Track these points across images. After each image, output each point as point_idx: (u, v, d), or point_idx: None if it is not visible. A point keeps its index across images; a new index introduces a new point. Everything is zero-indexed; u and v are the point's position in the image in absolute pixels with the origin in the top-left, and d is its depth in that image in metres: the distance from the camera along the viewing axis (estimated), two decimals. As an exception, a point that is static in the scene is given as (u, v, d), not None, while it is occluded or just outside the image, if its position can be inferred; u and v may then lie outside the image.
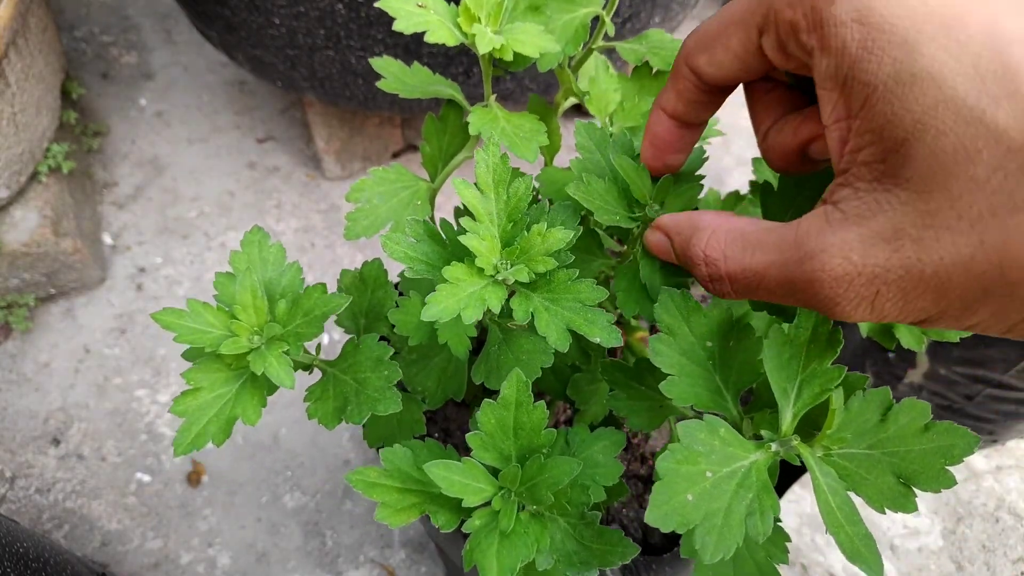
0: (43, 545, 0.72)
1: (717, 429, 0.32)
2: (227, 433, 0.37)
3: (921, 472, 0.32)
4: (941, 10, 0.21)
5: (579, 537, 0.37)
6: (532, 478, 0.35)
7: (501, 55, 0.39)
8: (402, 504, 0.37)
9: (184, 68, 1.46)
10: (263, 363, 0.36)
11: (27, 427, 1.04)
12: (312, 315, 0.37)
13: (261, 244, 0.41)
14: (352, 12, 0.85)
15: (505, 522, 0.34)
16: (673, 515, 0.30)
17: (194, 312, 0.37)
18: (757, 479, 0.31)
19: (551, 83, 1.01)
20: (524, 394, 0.35)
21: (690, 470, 0.30)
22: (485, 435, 0.36)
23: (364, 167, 1.30)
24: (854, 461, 0.33)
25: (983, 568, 0.93)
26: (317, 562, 0.93)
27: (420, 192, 0.46)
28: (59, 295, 1.15)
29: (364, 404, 0.38)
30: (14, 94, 0.98)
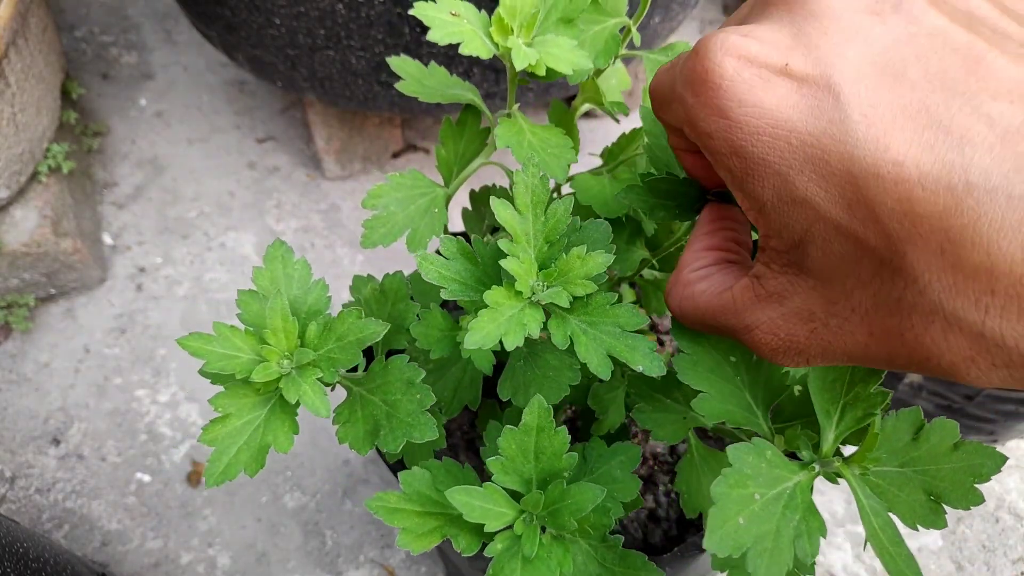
0: (43, 545, 0.72)
1: (764, 451, 0.32)
2: (261, 463, 0.36)
3: (951, 490, 0.33)
4: (804, 149, 0.23)
5: (601, 560, 0.36)
6: (554, 503, 0.35)
7: (534, 70, 0.38)
8: (423, 529, 0.36)
9: (184, 68, 1.46)
10: (297, 390, 0.35)
11: (27, 427, 1.04)
12: (346, 341, 0.36)
13: (285, 260, 0.39)
14: (352, 12, 0.85)
15: (528, 547, 0.34)
16: (728, 539, 0.30)
17: (221, 337, 0.35)
18: (802, 500, 0.32)
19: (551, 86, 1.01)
20: (546, 419, 0.35)
21: (740, 493, 0.31)
22: (506, 459, 0.35)
23: (364, 167, 1.30)
24: (887, 479, 0.34)
25: (983, 568, 0.93)
26: (317, 562, 0.93)
27: (437, 199, 0.45)
28: (59, 295, 1.15)
29: (398, 430, 0.36)
30: (14, 94, 0.98)
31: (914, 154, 0.21)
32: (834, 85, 0.22)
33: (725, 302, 0.29)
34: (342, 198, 1.28)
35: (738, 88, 0.24)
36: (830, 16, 0.23)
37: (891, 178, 0.21)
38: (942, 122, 0.21)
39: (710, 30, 1.52)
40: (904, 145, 0.21)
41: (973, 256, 0.20)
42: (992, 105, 0.21)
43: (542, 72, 0.39)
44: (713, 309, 0.30)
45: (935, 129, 0.21)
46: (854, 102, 0.22)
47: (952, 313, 0.21)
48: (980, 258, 0.20)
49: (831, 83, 0.22)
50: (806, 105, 0.23)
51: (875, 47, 0.23)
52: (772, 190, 0.24)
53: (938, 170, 0.20)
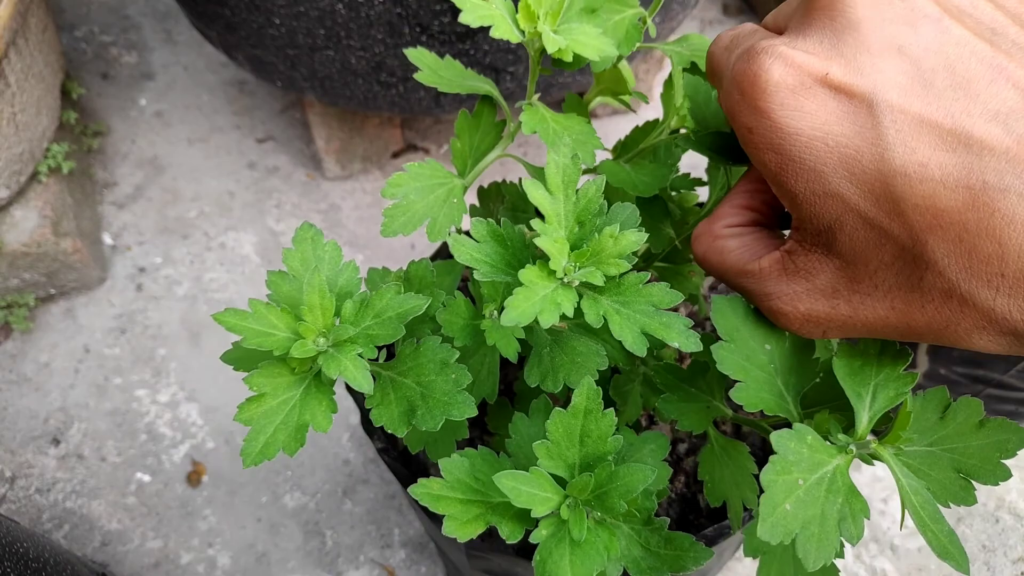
0: (43, 545, 0.72)
1: (805, 437, 0.32)
2: (301, 441, 0.35)
3: (979, 466, 0.34)
4: (839, 150, 0.26)
5: (645, 543, 0.36)
6: (602, 486, 0.35)
7: (561, 56, 0.39)
8: (467, 516, 0.36)
9: (184, 68, 1.46)
10: (337, 366, 0.34)
11: (27, 427, 1.04)
12: (385, 316, 0.36)
13: (315, 241, 0.39)
14: (352, 12, 0.85)
15: (576, 531, 0.34)
16: (778, 526, 0.30)
17: (257, 313, 0.35)
18: (843, 483, 0.32)
19: (552, 84, 1.01)
20: (594, 402, 0.35)
21: (786, 479, 0.31)
22: (552, 444, 0.35)
23: (364, 167, 1.30)
24: (918, 459, 0.35)
25: (983, 568, 0.93)
26: (317, 562, 0.93)
27: (455, 189, 0.45)
28: (59, 295, 1.15)
29: (435, 409, 0.36)
30: (14, 94, 0.98)
31: (938, 157, 0.24)
32: (869, 94, 0.25)
33: (752, 269, 0.32)
34: (342, 198, 1.28)
35: (782, 93, 0.27)
36: (867, 28, 0.26)
37: (917, 177, 0.24)
38: (964, 128, 0.24)
39: (710, 30, 1.52)
40: (929, 149, 0.24)
41: (987, 245, 0.23)
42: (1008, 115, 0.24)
43: (569, 58, 0.39)
44: (737, 270, 0.33)
45: (958, 134, 0.24)
46: (886, 109, 0.25)
47: (968, 292, 0.25)
48: (993, 247, 0.23)
49: (866, 92, 0.25)
50: (843, 111, 0.26)
51: (907, 57, 0.26)
52: (805, 184, 0.27)
53: (959, 171, 0.24)
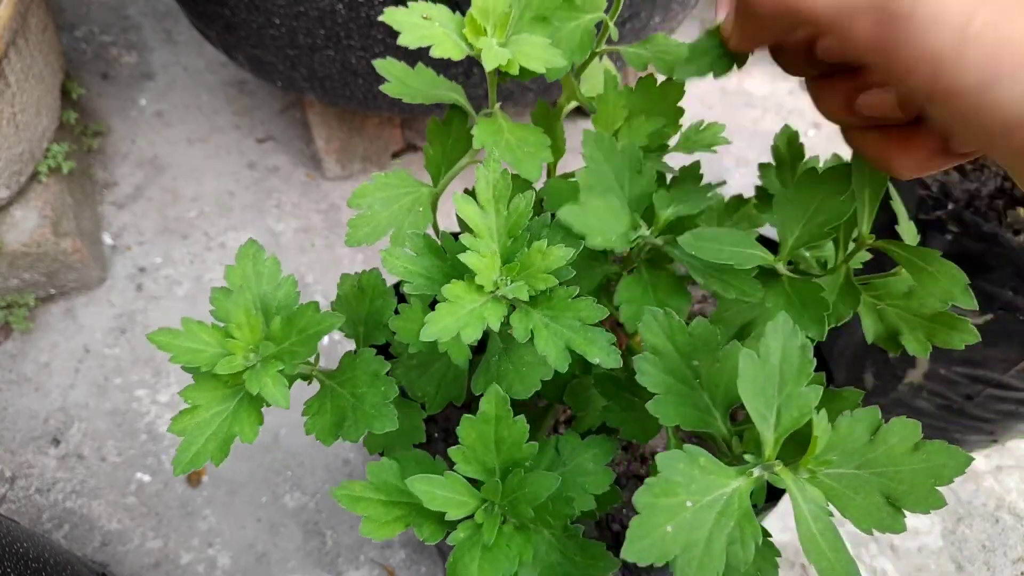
0: (43, 545, 0.72)
1: (697, 458, 0.31)
2: (225, 452, 0.37)
3: (910, 492, 0.32)
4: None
5: (563, 549, 0.37)
6: (513, 492, 0.35)
7: (507, 69, 0.39)
8: (387, 517, 0.37)
9: (184, 68, 1.46)
10: (258, 383, 0.36)
11: (27, 427, 1.04)
12: (306, 333, 0.37)
13: (256, 258, 0.41)
14: (352, 12, 0.85)
15: (487, 535, 0.35)
16: (652, 548, 0.29)
17: (188, 331, 0.37)
18: (739, 506, 0.31)
19: (552, 85, 1.01)
20: (502, 409, 0.36)
21: (669, 502, 0.30)
22: (467, 448, 0.36)
23: (364, 167, 1.30)
24: (841, 481, 0.33)
25: (983, 568, 0.93)
26: (317, 562, 0.93)
27: (422, 198, 0.46)
28: (59, 295, 1.15)
29: (361, 421, 0.38)
30: (14, 94, 0.98)
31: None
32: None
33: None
34: (342, 198, 1.28)
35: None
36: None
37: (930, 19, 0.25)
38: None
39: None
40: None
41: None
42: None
43: (515, 71, 0.39)
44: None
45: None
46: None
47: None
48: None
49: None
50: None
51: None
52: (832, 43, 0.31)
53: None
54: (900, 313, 0.43)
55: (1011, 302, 0.71)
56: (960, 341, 0.43)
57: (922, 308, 0.43)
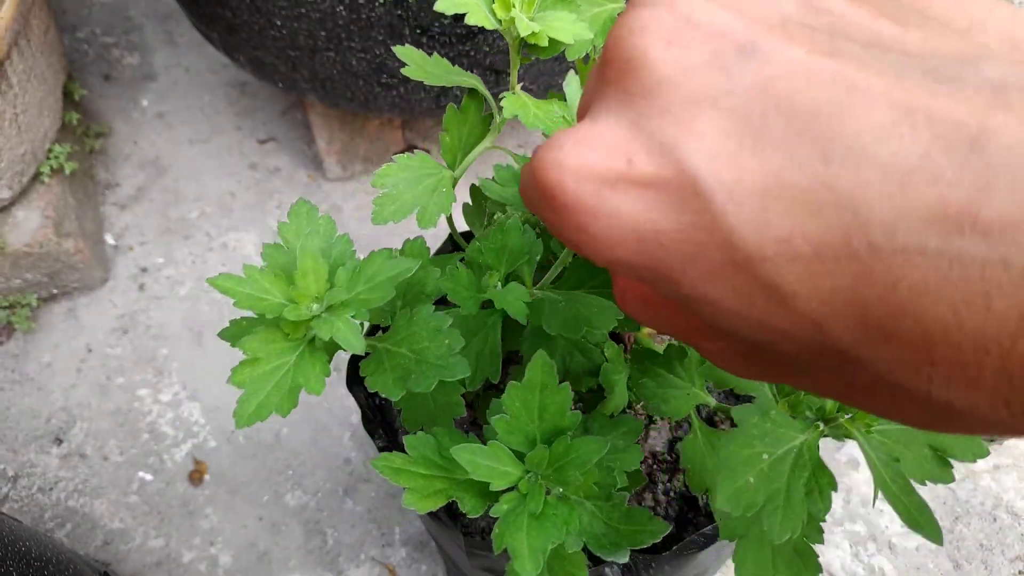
0: (45, 544, 0.73)
1: (768, 411, 0.32)
2: (293, 402, 0.35)
3: (955, 443, 0.33)
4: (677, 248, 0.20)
5: (607, 519, 0.37)
6: (559, 459, 0.35)
7: (536, 40, 0.40)
8: (429, 490, 0.37)
9: (186, 69, 1.46)
10: (330, 328, 0.34)
11: (29, 426, 1.04)
12: (376, 281, 0.36)
13: (310, 215, 0.40)
14: (353, 14, 0.86)
15: (534, 504, 0.34)
16: (740, 497, 0.30)
17: (251, 278, 0.35)
18: (810, 458, 0.32)
19: (552, 84, 1.01)
20: (549, 376, 0.35)
21: (748, 453, 0.31)
22: (511, 417, 0.35)
23: (365, 168, 1.30)
24: (891, 437, 0.34)
25: (981, 567, 0.93)
26: (318, 560, 0.94)
27: (444, 179, 0.47)
28: (61, 295, 1.16)
29: (428, 372, 0.37)
30: (16, 95, 0.99)
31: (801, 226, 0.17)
32: (687, 171, 0.19)
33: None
34: (343, 199, 1.29)
35: (585, 203, 0.20)
36: (667, 88, 0.19)
37: (783, 259, 0.18)
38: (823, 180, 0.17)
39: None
40: (785, 218, 0.17)
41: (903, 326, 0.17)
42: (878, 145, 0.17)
43: (544, 42, 0.40)
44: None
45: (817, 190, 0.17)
46: (715, 184, 0.18)
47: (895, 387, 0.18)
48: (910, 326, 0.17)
49: (683, 169, 0.19)
50: (663, 201, 0.19)
51: (726, 110, 0.19)
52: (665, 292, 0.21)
53: (832, 238, 0.17)
54: None
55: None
56: None
57: None
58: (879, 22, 0.19)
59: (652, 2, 0.20)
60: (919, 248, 0.16)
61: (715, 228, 0.18)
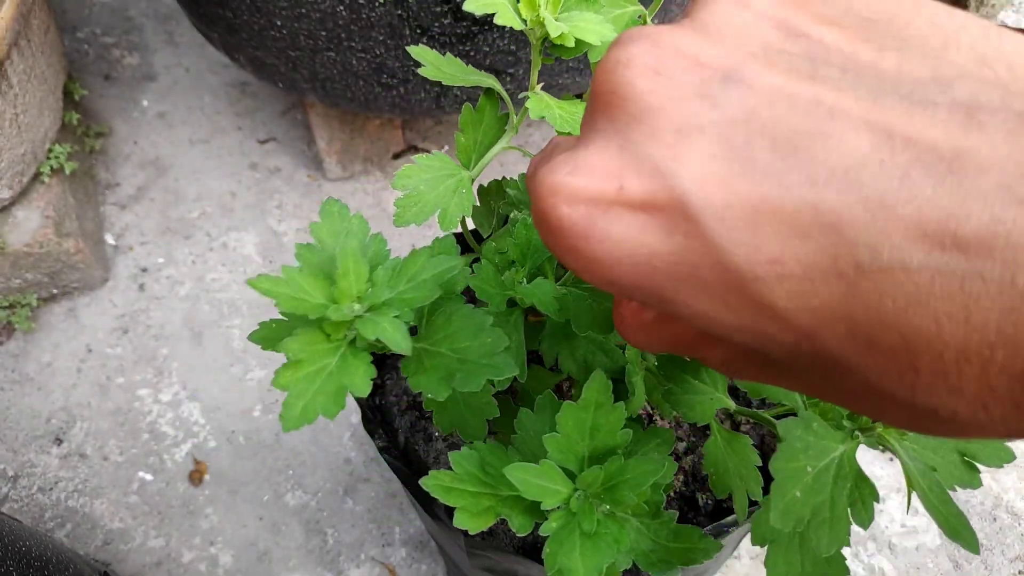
0: (45, 544, 0.73)
1: (811, 424, 0.32)
2: (340, 403, 0.35)
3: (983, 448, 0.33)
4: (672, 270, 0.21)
5: (654, 536, 0.36)
6: (612, 479, 0.35)
7: (562, 41, 0.40)
8: (477, 508, 0.36)
9: (186, 69, 1.46)
10: (375, 329, 0.33)
11: (29, 426, 1.04)
12: (419, 280, 0.35)
13: (342, 214, 0.39)
14: (353, 14, 0.86)
15: (587, 524, 0.34)
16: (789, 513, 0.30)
17: (290, 279, 0.34)
18: (851, 468, 0.32)
19: (564, 85, 1.01)
20: (604, 395, 0.35)
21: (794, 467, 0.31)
22: (562, 437, 0.35)
23: (365, 168, 1.30)
24: (922, 443, 0.34)
25: (980, 566, 0.93)
26: (318, 560, 0.94)
27: (463, 180, 0.47)
28: (61, 295, 1.16)
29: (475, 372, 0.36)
30: (16, 95, 0.99)
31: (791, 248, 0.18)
32: (678, 196, 0.19)
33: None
34: (344, 199, 1.28)
35: (579, 228, 0.21)
36: (654, 115, 0.20)
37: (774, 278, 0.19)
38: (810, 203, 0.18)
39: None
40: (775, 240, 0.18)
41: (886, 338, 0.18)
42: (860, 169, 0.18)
43: (571, 43, 0.40)
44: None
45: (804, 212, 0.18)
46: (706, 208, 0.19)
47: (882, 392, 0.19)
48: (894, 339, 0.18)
49: (674, 195, 0.19)
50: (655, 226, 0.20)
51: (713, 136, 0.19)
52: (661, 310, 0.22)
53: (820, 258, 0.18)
54: None
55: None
56: None
57: None
58: (855, 46, 0.19)
59: (638, 36, 0.21)
60: (902, 265, 0.17)
61: (706, 250, 0.19)
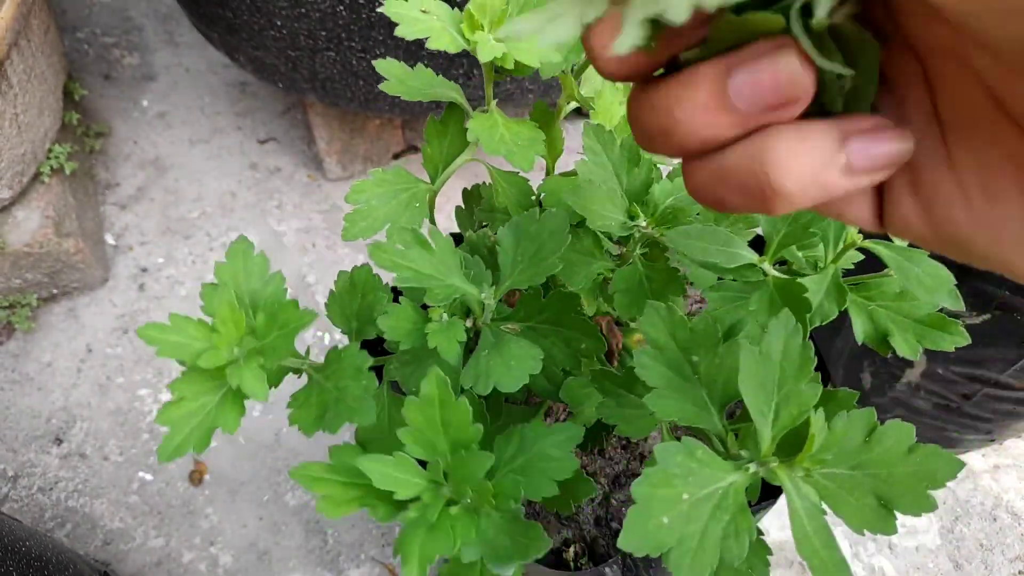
0: (46, 544, 0.73)
1: (694, 451, 0.31)
2: (207, 441, 0.38)
3: (903, 495, 0.32)
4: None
5: (508, 531, 0.37)
6: (457, 472, 0.36)
7: (502, 63, 0.39)
8: (344, 497, 0.38)
9: (186, 69, 1.46)
10: (239, 376, 0.37)
11: (29, 426, 1.04)
12: (286, 328, 0.38)
13: (245, 255, 0.42)
14: (353, 14, 0.86)
15: (430, 514, 0.35)
16: (648, 539, 0.30)
17: (176, 326, 0.38)
18: (734, 501, 0.31)
19: (552, 85, 1.01)
20: (445, 392, 0.36)
21: (667, 493, 0.30)
22: (415, 430, 0.36)
23: (365, 168, 1.30)
24: (835, 481, 0.33)
25: (980, 566, 0.93)
26: (318, 560, 0.94)
27: (419, 194, 0.46)
28: (61, 295, 1.16)
29: (342, 412, 0.39)
30: (16, 95, 0.99)
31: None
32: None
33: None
34: (343, 199, 1.28)
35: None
36: None
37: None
38: None
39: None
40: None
41: None
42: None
43: (510, 65, 0.40)
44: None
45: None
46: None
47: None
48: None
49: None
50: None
51: None
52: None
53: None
54: (890, 314, 0.43)
55: (1008, 302, 0.72)
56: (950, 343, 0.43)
57: (913, 309, 0.43)
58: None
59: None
60: None
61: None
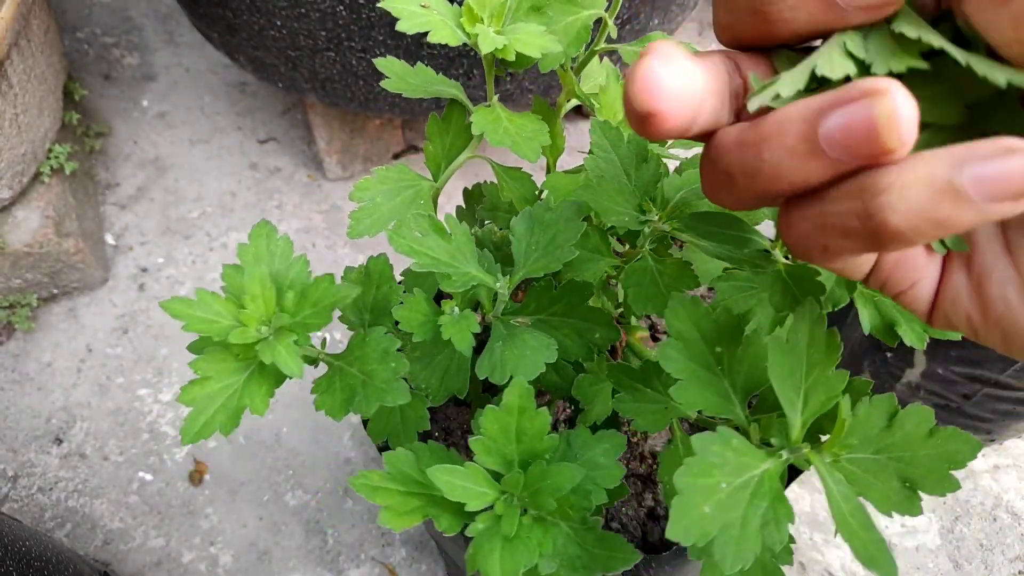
0: (45, 544, 0.73)
1: (730, 440, 0.32)
2: (235, 422, 0.37)
3: (926, 476, 0.33)
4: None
5: (581, 542, 0.37)
6: (535, 483, 0.35)
7: (503, 55, 0.39)
8: (405, 508, 0.37)
9: (186, 69, 1.46)
10: (272, 352, 0.36)
11: (29, 426, 1.04)
12: (320, 305, 0.37)
13: (269, 237, 0.41)
14: (353, 14, 0.86)
15: (508, 527, 0.34)
16: (693, 528, 0.30)
17: (203, 302, 0.36)
18: (770, 488, 0.32)
19: (552, 84, 1.01)
20: (527, 400, 0.36)
21: (706, 482, 0.31)
22: (488, 439, 0.36)
23: (365, 168, 1.30)
24: (860, 466, 0.34)
25: (980, 566, 0.93)
26: (318, 560, 0.94)
27: (423, 191, 0.46)
28: (61, 295, 1.16)
29: (372, 395, 0.38)
30: (16, 95, 0.99)
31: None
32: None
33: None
34: (343, 199, 1.29)
35: None
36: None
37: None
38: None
39: (709, 32, 1.52)
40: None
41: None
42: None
43: (511, 57, 0.40)
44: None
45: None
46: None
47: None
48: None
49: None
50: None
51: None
52: None
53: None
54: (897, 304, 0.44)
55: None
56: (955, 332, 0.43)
57: None
58: None
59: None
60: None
61: None
